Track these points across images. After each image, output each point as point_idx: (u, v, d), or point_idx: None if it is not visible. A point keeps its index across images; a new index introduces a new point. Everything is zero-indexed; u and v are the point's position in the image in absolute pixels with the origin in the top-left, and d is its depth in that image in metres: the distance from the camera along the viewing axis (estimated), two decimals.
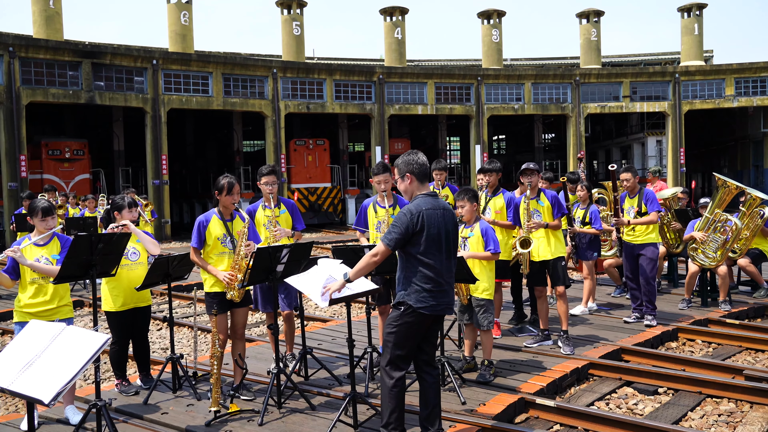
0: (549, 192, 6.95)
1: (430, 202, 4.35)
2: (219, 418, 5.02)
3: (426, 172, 4.46)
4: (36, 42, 22.16)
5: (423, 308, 4.26)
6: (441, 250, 4.31)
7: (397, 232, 4.24)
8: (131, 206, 5.76)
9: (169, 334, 6.14)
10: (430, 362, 4.48)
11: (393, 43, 29.98)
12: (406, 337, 4.30)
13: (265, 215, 6.10)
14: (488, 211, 7.27)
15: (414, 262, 4.29)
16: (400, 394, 4.31)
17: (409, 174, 4.42)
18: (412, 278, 4.28)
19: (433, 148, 37.17)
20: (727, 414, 5.45)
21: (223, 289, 5.40)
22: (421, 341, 4.44)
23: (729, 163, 36.89)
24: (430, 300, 4.27)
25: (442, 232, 4.32)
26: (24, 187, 20.97)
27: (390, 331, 4.33)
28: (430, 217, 4.27)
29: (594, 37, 32.10)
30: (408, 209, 4.29)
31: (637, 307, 8.00)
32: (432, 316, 4.34)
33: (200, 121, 34.01)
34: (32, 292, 5.04)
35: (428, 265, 4.26)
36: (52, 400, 3.00)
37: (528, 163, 7.06)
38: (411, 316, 4.27)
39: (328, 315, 9.89)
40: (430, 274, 4.26)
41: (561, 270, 6.81)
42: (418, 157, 4.46)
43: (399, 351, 4.31)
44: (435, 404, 4.43)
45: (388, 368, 4.32)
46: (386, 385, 4.31)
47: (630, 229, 7.87)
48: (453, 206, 8.13)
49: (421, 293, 4.26)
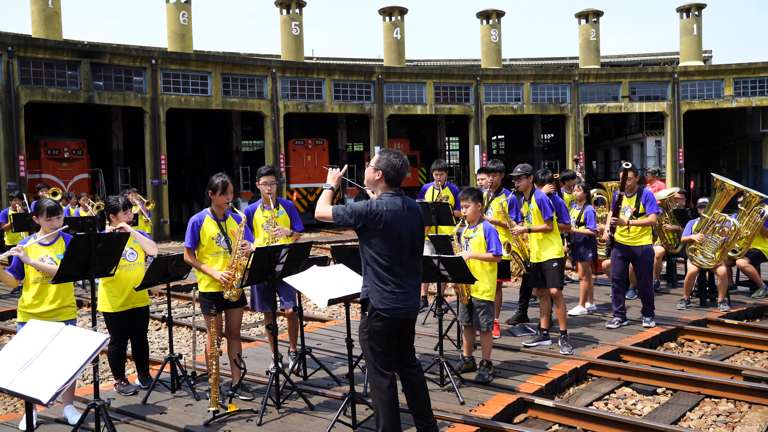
0: (538, 194, 6.82)
1: (393, 203, 4.27)
2: (218, 418, 5.01)
3: (397, 181, 4.35)
4: (35, 41, 22.14)
5: (385, 311, 4.22)
6: (402, 251, 4.26)
7: (347, 212, 4.20)
8: (126, 208, 5.74)
9: (167, 334, 6.14)
10: (409, 363, 4.47)
11: (392, 43, 29.98)
12: (381, 342, 4.27)
13: (264, 216, 6.09)
14: (490, 211, 7.30)
15: (371, 261, 4.26)
16: (392, 400, 4.28)
17: (383, 173, 4.33)
18: (373, 277, 4.27)
19: (432, 148, 37.19)
20: (726, 414, 5.45)
21: (218, 290, 5.40)
22: (400, 345, 4.41)
23: (728, 164, 36.92)
24: (393, 302, 4.22)
25: (404, 233, 4.26)
26: (23, 187, 20.98)
27: (364, 339, 4.32)
28: (390, 218, 4.20)
29: (593, 38, 32.12)
30: (370, 202, 4.25)
31: (619, 311, 7.80)
32: (399, 319, 4.30)
33: (199, 121, 34.01)
34: (35, 292, 5.04)
35: (385, 266, 4.22)
36: (50, 400, 3.00)
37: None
38: (377, 321, 4.25)
39: (326, 315, 9.89)
40: (387, 275, 4.22)
41: (554, 272, 6.74)
42: (398, 162, 4.34)
43: (379, 357, 4.28)
44: (424, 399, 4.44)
45: (375, 375, 4.31)
46: (376, 392, 4.30)
47: (624, 229, 7.72)
48: (453, 206, 8.15)
49: (382, 293, 4.23)
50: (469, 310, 5.91)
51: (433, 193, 8.51)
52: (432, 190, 8.55)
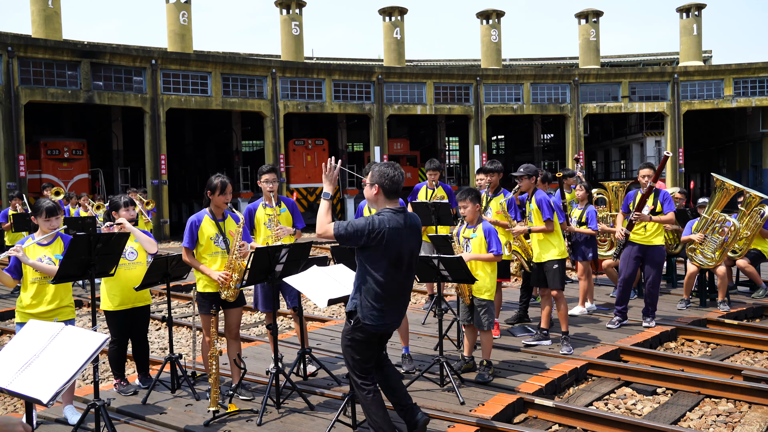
0: (538, 195, 6.79)
1: (396, 220, 4.22)
2: (217, 418, 5.01)
3: (396, 190, 4.31)
4: (35, 42, 22.15)
5: (370, 326, 4.25)
6: (400, 269, 4.26)
7: (350, 228, 4.15)
8: (128, 205, 5.75)
9: (167, 334, 6.14)
10: (382, 364, 4.52)
11: (392, 43, 29.99)
12: (361, 351, 4.32)
13: (266, 214, 6.10)
14: (489, 211, 7.29)
15: (367, 276, 4.23)
16: (377, 398, 4.33)
17: (378, 186, 4.29)
18: (365, 293, 4.25)
19: (432, 148, 37.20)
20: (726, 414, 5.45)
21: (216, 290, 5.40)
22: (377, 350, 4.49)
23: (728, 164, 36.94)
24: (379, 320, 4.25)
25: (404, 251, 4.25)
26: (23, 187, 20.98)
27: (346, 345, 4.36)
28: (392, 236, 4.17)
29: (593, 38, 32.13)
30: (372, 219, 4.18)
31: (621, 310, 7.77)
32: (381, 333, 4.36)
33: (199, 121, 34.02)
34: (33, 292, 5.03)
35: (381, 283, 4.20)
36: (50, 400, 2.99)
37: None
38: (360, 332, 4.27)
39: (326, 315, 9.88)
40: (382, 292, 4.21)
41: (554, 273, 6.72)
42: (393, 173, 4.30)
43: (359, 363, 4.33)
44: (400, 386, 4.52)
45: (356, 379, 4.35)
46: (362, 395, 4.34)
47: (640, 228, 7.64)
48: (446, 204, 8.12)
49: (371, 310, 4.22)
50: (470, 309, 5.92)
51: (426, 192, 8.47)
52: (425, 189, 8.52)
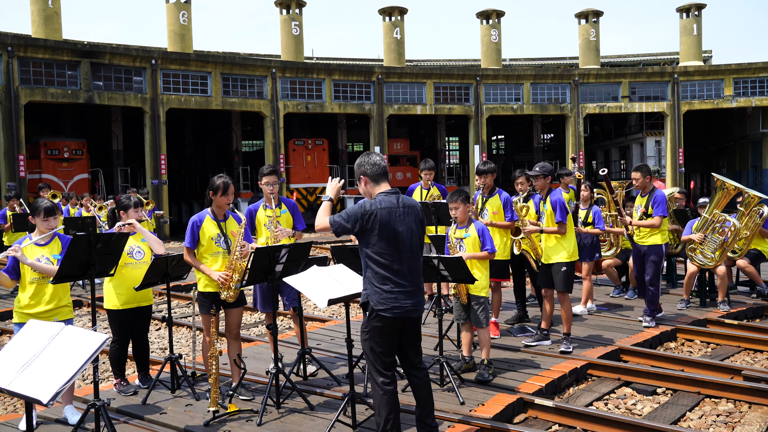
0: (553, 196, 6.75)
1: (388, 200, 4.26)
2: (217, 418, 5.01)
3: (379, 172, 4.34)
4: (35, 41, 22.15)
5: (385, 311, 4.20)
6: (401, 249, 4.23)
7: (343, 218, 4.21)
8: (137, 206, 5.77)
9: (167, 334, 6.14)
10: (415, 366, 4.45)
11: (392, 43, 29.99)
12: (381, 342, 4.26)
13: (267, 215, 6.10)
14: (485, 212, 7.26)
15: (369, 261, 4.25)
16: (391, 399, 4.26)
17: (363, 176, 4.35)
18: (371, 278, 4.25)
19: (432, 148, 37.21)
20: (726, 414, 5.45)
21: (216, 290, 5.40)
22: (404, 345, 4.40)
23: (728, 164, 36.94)
24: (392, 302, 4.20)
25: (403, 231, 4.24)
26: (23, 187, 20.98)
27: (364, 339, 4.31)
28: (385, 216, 4.19)
29: (593, 38, 32.13)
30: (364, 202, 4.24)
31: (654, 311, 7.76)
32: (400, 318, 4.26)
33: (199, 121, 34.03)
34: (32, 293, 5.03)
35: (383, 265, 4.20)
36: (50, 400, 2.99)
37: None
38: (377, 321, 4.23)
39: (326, 315, 9.88)
40: (387, 274, 4.20)
41: (562, 276, 6.69)
42: (369, 158, 4.37)
43: (379, 357, 4.27)
44: (427, 402, 4.45)
45: (375, 375, 4.30)
46: (376, 392, 4.29)
47: (638, 228, 7.79)
48: (446, 204, 8.13)
49: (381, 294, 4.20)
50: (465, 308, 5.94)
51: (421, 192, 8.45)
52: (420, 189, 8.49)
